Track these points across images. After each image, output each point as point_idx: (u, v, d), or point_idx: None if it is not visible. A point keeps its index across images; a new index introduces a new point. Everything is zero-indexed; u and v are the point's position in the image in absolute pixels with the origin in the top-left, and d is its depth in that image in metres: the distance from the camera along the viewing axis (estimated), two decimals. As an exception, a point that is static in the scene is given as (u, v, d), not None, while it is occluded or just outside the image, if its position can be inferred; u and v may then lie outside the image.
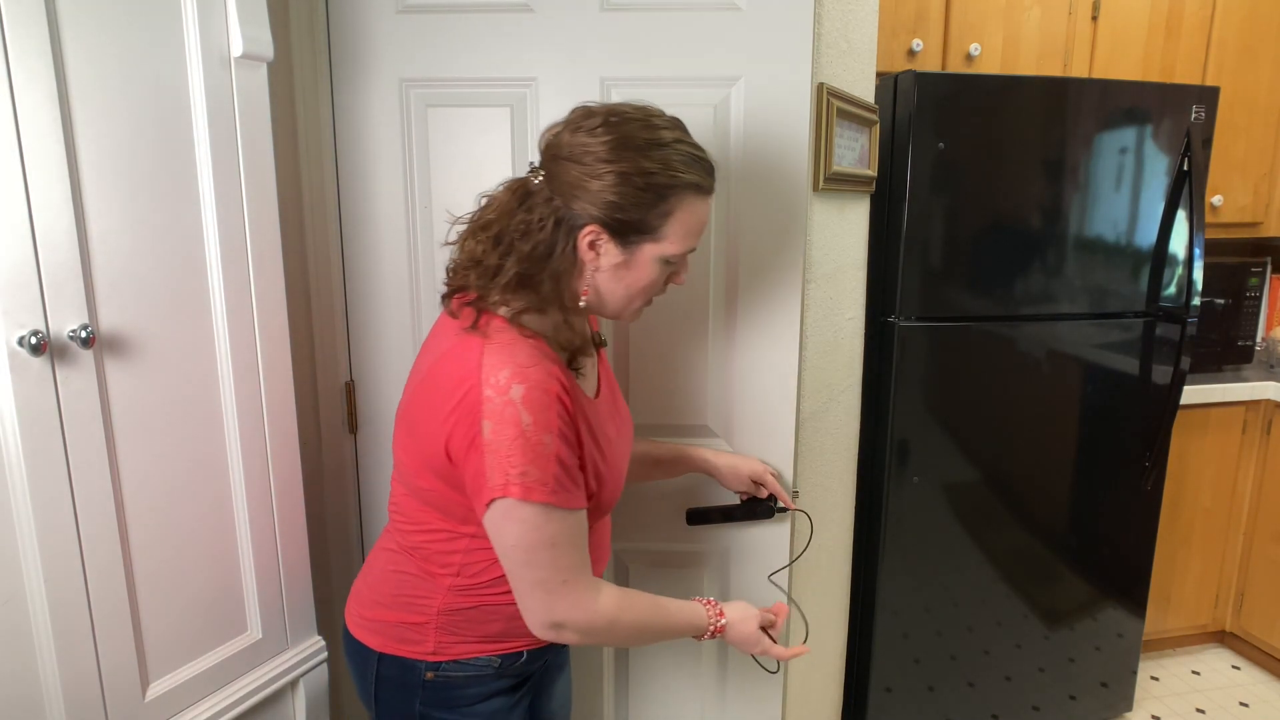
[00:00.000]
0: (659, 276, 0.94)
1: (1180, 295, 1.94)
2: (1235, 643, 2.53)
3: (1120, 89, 1.82)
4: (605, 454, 0.98)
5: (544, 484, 0.85)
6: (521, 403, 0.84)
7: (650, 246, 0.91)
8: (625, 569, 1.41)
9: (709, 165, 0.92)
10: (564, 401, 0.88)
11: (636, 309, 0.98)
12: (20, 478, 0.78)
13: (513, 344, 0.88)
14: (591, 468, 0.95)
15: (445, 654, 0.98)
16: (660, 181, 0.87)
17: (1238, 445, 2.33)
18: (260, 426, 1.03)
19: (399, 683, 1.00)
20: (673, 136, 0.90)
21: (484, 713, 1.01)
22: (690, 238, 0.93)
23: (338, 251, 1.27)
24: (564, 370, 0.92)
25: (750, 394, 1.33)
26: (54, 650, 0.82)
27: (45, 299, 0.78)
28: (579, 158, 0.87)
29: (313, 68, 1.22)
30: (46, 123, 0.78)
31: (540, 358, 0.88)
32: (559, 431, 0.87)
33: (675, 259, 0.93)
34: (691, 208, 0.91)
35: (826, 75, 1.32)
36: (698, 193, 0.91)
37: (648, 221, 0.89)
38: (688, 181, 0.89)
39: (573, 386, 0.92)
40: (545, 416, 0.85)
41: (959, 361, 1.84)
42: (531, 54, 1.21)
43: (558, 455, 0.86)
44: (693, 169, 0.89)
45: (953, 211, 1.77)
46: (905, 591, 1.91)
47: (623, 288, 0.93)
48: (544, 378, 0.86)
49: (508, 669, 1.01)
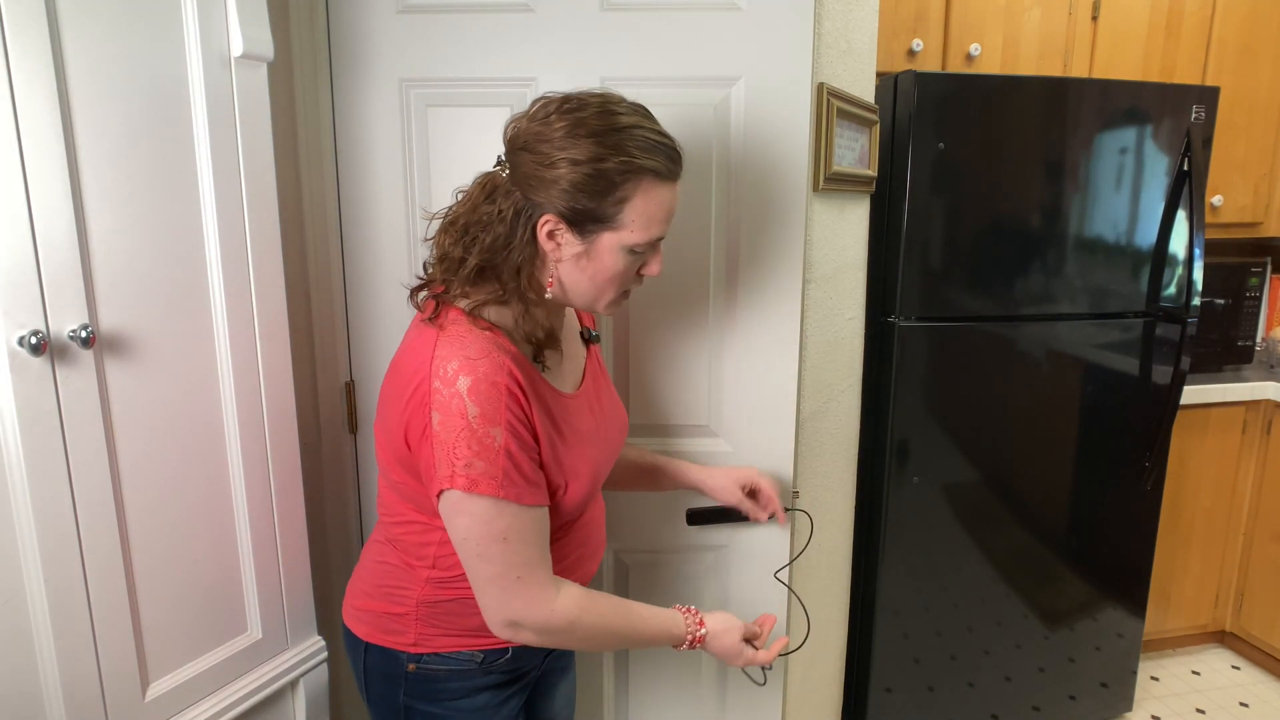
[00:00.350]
0: (625, 267, 0.91)
1: (1180, 295, 1.94)
2: (1235, 643, 2.53)
3: (1120, 89, 1.82)
4: (575, 450, 0.96)
5: (492, 477, 0.85)
6: (468, 394, 0.84)
7: (609, 235, 0.88)
8: (625, 569, 1.41)
9: (672, 151, 0.89)
10: (516, 395, 0.86)
11: (610, 300, 0.95)
12: (20, 478, 0.78)
13: (465, 335, 0.88)
14: (557, 463, 0.93)
15: (426, 646, 0.99)
16: (612, 167, 0.84)
17: (1238, 445, 2.33)
18: (260, 426, 1.03)
19: (384, 673, 1.01)
20: (630, 121, 0.86)
21: (468, 708, 1.01)
22: (653, 225, 0.89)
23: (338, 251, 1.27)
24: (522, 363, 0.90)
25: (750, 394, 1.32)
26: (54, 650, 0.82)
27: (45, 299, 0.78)
28: (535, 147, 0.86)
29: (313, 68, 1.22)
30: (46, 123, 0.78)
31: (492, 350, 0.87)
32: (508, 424, 0.85)
33: (640, 248, 0.90)
34: (650, 194, 0.87)
35: (826, 75, 1.32)
36: (656, 178, 0.87)
37: (603, 210, 0.86)
38: (644, 167, 0.86)
39: (532, 380, 0.91)
40: (492, 409, 0.84)
41: (959, 361, 1.84)
42: (531, 54, 1.21)
43: (506, 449, 0.85)
44: (651, 154, 0.86)
45: (953, 211, 1.77)
46: (905, 591, 1.91)
47: (587, 279, 0.91)
48: (492, 370, 0.85)
49: (493, 665, 1.01)
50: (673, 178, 0.90)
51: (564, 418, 0.96)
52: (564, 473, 0.94)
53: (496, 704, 1.03)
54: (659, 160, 0.87)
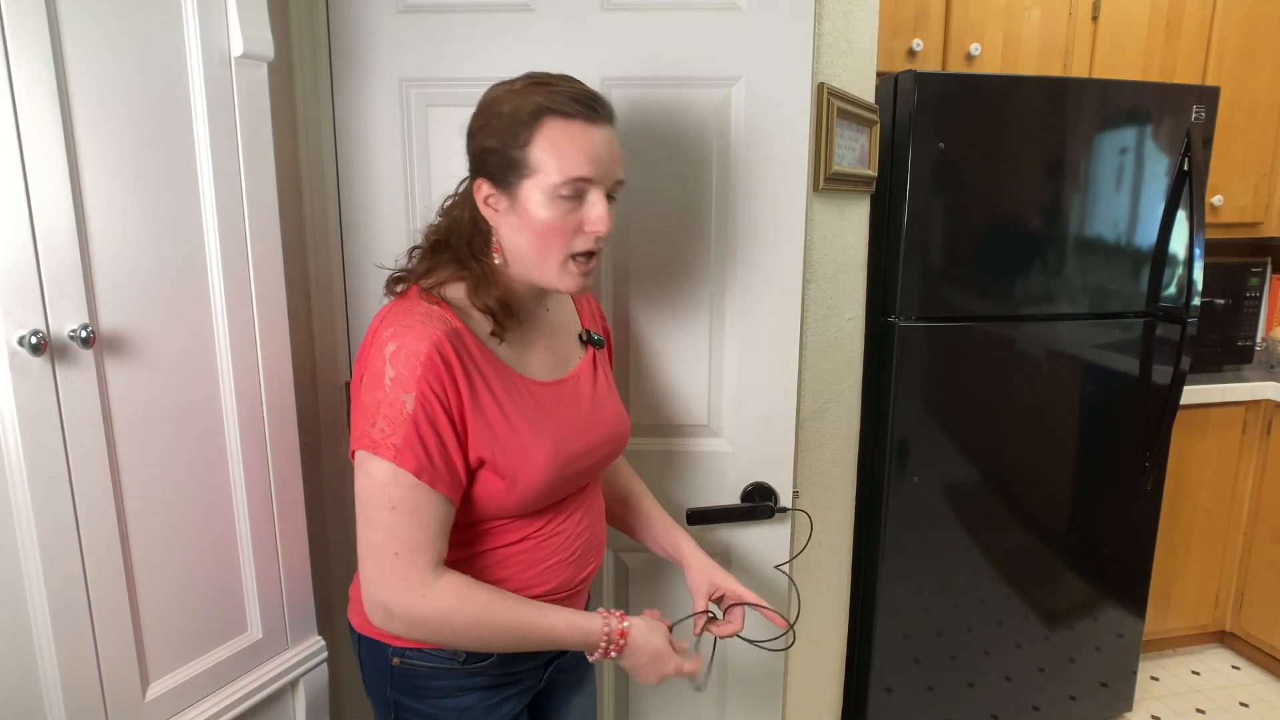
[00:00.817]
0: (553, 217, 0.88)
1: (1180, 295, 1.94)
2: (1235, 643, 2.53)
3: (1120, 89, 1.82)
4: (532, 434, 0.94)
5: (393, 443, 0.85)
6: (389, 359, 0.86)
7: (528, 183, 0.88)
8: (625, 569, 1.41)
9: (586, 97, 0.89)
10: (437, 365, 0.86)
11: (556, 264, 0.91)
12: (20, 478, 0.78)
13: (408, 307, 0.90)
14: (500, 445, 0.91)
15: (408, 640, 0.98)
16: (509, 110, 0.88)
17: (1238, 445, 2.33)
18: (260, 426, 1.03)
19: (375, 666, 1.02)
20: (543, 80, 0.90)
21: (453, 708, 1.00)
22: (568, 166, 0.87)
23: (338, 251, 1.27)
24: (464, 339, 0.90)
25: (750, 394, 1.32)
26: (54, 650, 0.82)
27: (45, 299, 0.78)
28: (469, 127, 0.93)
29: (313, 68, 1.22)
30: (47, 123, 0.78)
31: (426, 321, 0.88)
32: (420, 394, 0.85)
33: (563, 191, 0.87)
34: (556, 131, 0.87)
35: (826, 75, 1.32)
36: (558, 115, 0.87)
37: (510, 154, 0.88)
38: (542, 104, 0.86)
39: (475, 358, 0.90)
40: (408, 375, 0.85)
41: (959, 361, 1.84)
42: (532, 54, 1.21)
43: (414, 418, 0.85)
44: (552, 98, 0.87)
45: (953, 211, 1.78)
46: (905, 591, 1.91)
47: (524, 237, 0.90)
48: (417, 339, 0.86)
49: (476, 667, 0.99)
50: (585, 119, 0.88)
51: (520, 400, 0.94)
52: (513, 456, 0.92)
53: (486, 707, 1.01)
54: (561, 100, 0.87)
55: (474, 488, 0.92)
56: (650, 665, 0.98)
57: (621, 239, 1.28)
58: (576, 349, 1.08)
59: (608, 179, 0.91)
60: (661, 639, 0.98)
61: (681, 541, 1.16)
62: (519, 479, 0.93)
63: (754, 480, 1.36)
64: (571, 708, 1.17)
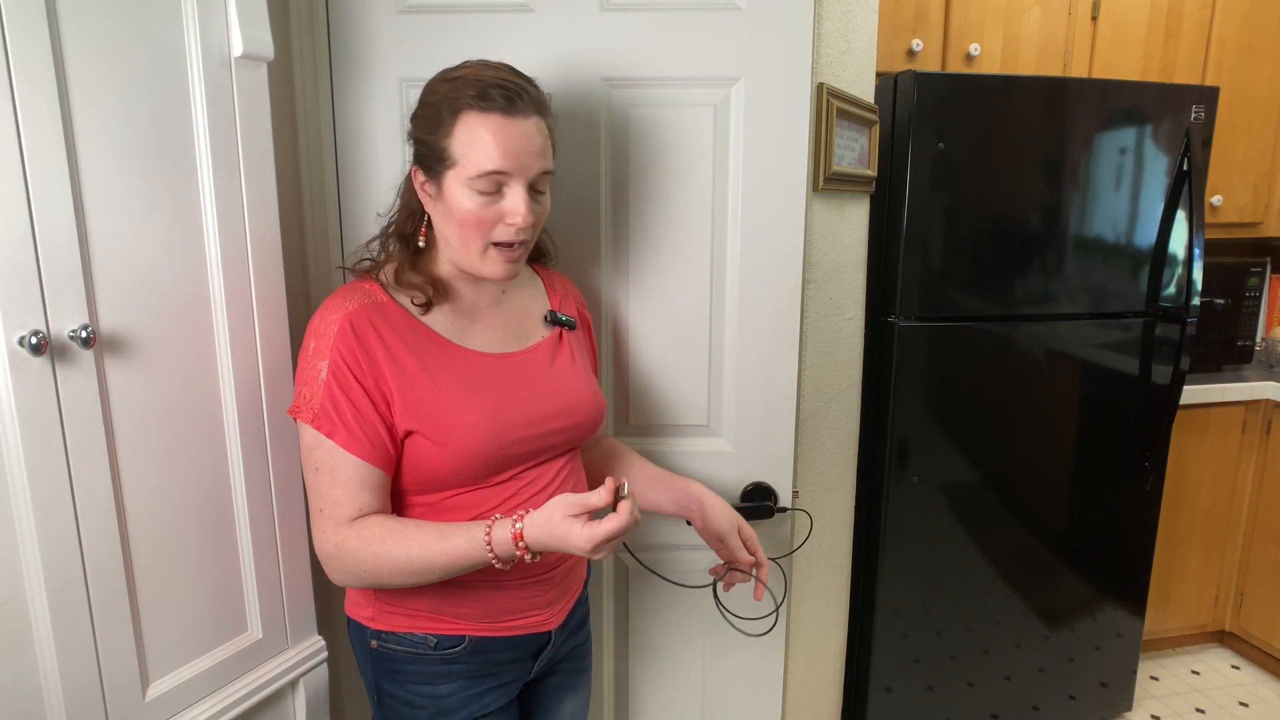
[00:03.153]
0: (475, 208, 0.91)
1: (1180, 295, 1.94)
2: (1235, 643, 2.53)
3: (1120, 89, 1.82)
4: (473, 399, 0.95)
5: (311, 407, 0.91)
6: (312, 331, 0.94)
7: (450, 174, 0.92)
8: (625, 568, 1.41)
9: (508, 88, 0.89)
10: (348, 334, 0.91)
11: (477, 253, 0.94)
12: (20, 478, 0.78)
13: (346, 287, 0.97)
14: (429, 410, 0.93)
15: (383, 623, 1.01)
16: (435, 100, 0.92)
17: (1237, 445, 2.34)
18: (260, 426, 1.03)
19: (359, 647, 1.05)
20: (474, 72, 0.91)
21: (430, 695, 1.00)
22: (482, 156, 0.89)
23: (338, 251, 1.27)
24: (387, 311, 0.95)
25: (750, 394, 1.32)
26: (54, 650, 0.82)
27: (45, 299, 0.78)
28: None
29: (313, 68, 1.22)
30: (47, 123, 0.78)
31: (349, 296, 0.94)
32: (334, 363, 0.91)
33: (481, 186, 0.90)
34: (474, 125, 0.89)
35: (826, 75, 1.32)
36: (477, 110, 0.89)
37: (437, 145, 0.91)
38: (461, 97, 0.90)
39: (399, 328, 0.95)
40: (324, 346, 0.91)
41: (959, 361, 1.84)
42: (531, 54, 1.21)
43: (328, 385, 0.91)
44: (474, 90, 0.89)
45: (953, 211, 1.78)
46: (905, 591, 1.91)
47: (450, 225, 0.94)
48: (334, 310, 0.93)
49: (449, 653, 1.00)
50: (500, 109, 0.89)
51: (454, 367, 0.97)
52: (443, 419, 0.93)
53: (466, 697, 1.01)
54: (485, 95, 0.89)
55: (407, 452, 0.95)
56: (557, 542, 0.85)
57: (621, 239, 1.28)
58: (539, 328, 1.08)
59: (527, 171, 0.92)
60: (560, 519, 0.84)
61: (692, 485, 1.15)
62: (449, 440, 0.93)
63: (754, 480, 1.36)
64: (563, 711, 1.17)
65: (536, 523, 0.86)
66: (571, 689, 1.17)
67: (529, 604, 1.03)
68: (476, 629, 1.01)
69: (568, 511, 0.84)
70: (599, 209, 1.26)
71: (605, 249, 1.28)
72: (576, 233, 1.26)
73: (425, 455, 0.94)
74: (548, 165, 0.94)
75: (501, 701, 1.05)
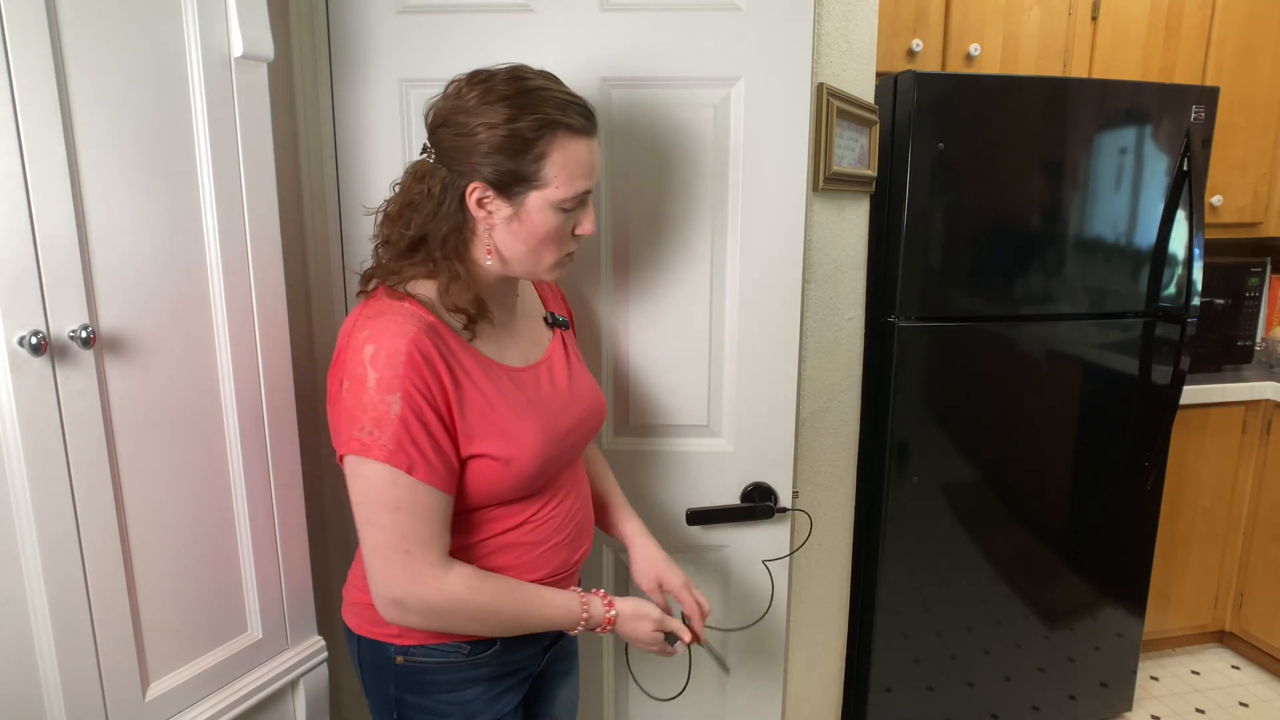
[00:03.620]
0: (556, 226, 0.93)
1: (1180, 295, 1.94)
2: (1235, 643, 2.53)
3: (1120, 89, 1.82)
4: (521, 418, 0.95)
5: (384, 445, 0.86)
6: (370, 362, 0.87)
7: (536, 195, 0.90)
8: (625, 569, 1.41)
9: (584, 108, 0.92)
10: (418, 363, 0.87)
11: (549, 264, 0.96)
12: (20, 478, 0.78)
13: (381, 307, 0.91)
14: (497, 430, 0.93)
15: (411, 638, 0.99)
16: (526, 125, 0.87)
17: (1237, 445, 2.34)
18: (260, 426, 1.03)
19: (376, 666, 1.02)
20: (539, 84, 0.90)
21: (457, 701, 1.00)
22: (576, 180, 0.91)
23: (338, 251, 1.27)
24: (441, 333, 0.91)
25: (750, 394, 1.32)
26: (54, 650, 0.82)
27: (45, 299, 0.78)
28: (451, 120, 0.90)
29: (313, 68, 1.22)
30: (47, 123, 0.78)
31: (401, 319, 0.89)
32: (405, 393, 0.86)
33: (567, 204, 0.92)
34: (567, 148, 0.90)
35: (826, 75, 1.32)
36: (570, 132, 0.90)
37: (524, 169, 0.89)
38: (558, 121, 0.88)
39: (454, 350, 0.92)
40: (391, 376, 0.86)
41: (959, 361, 1.84)
42: (531, 54, 1.20)
43: (403, 418, 0.86)
44: (562, 110, 0.89)
45: (953, 211, 1.78)
46: (905, 591, 1.91)
47: (521, 242, 0.93)
48: (395, 338, 0.87)
49: (480, 657, 1.00)
50: (587, 132, 0.92)
51: (502, 386, 0.96)
52: (504, 441, 0.93)
53: (489, 698, 1.02)
54: (572, 116, 0.90)
55: (469, 474, 0.93)
56: (637, 642, 1.04)
57: (621, 239, 1.28)
58: (545, 332, 1.09)
59: (593, 187, 0.96)
60: (645, 627, 1.03)
61: (629, 528, 1.19)
62: (512, 461, 0.94)
63: (754, 480, 1.36)
64: (559, 698, 1.18)
65: (626, 615, 1.02)
66: (565, 674, 1.19)
67: None
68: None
69: (654, 626, 1.03)
70: (599, 209, 1.26)
71: (605, 249, 1.28)
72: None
73: (489, 476, 0.94)
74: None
75: (519, 698, 1.06)
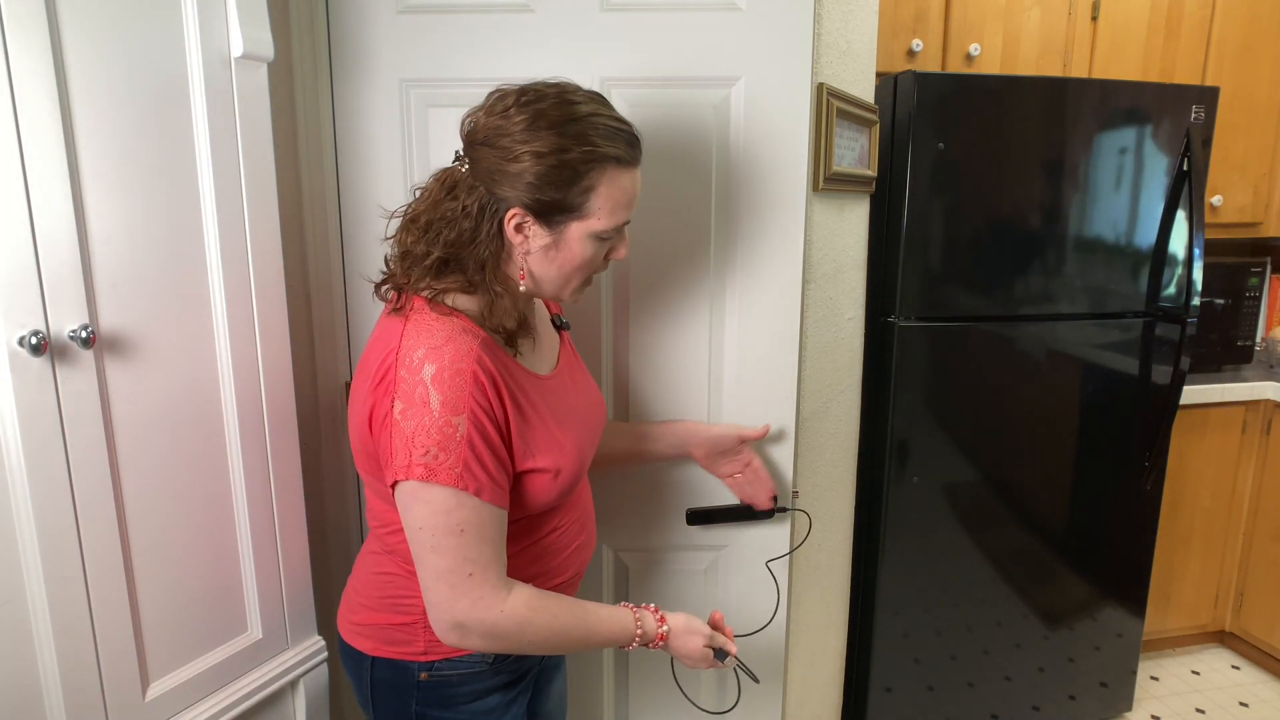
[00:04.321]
0: (593, 254, 0.92)
1: (1180, 295, 1.94)
2: (1235, 643, 2.53)
3: (1120, 89, 1.82)
4: (565, 428, 0.96)
5: (451, 467, 0.83)
6: (431, 383, 0.83)
7: (577, 225, 0.88)
8: (625, 569, 1.41)
9: (631, 136, 0.89)
10: (482, 382, 0.85)
11: (575, 288, 0.96)
12: (20, 478, 0.78)
13: (432, 323, 0.88)
14: (551, 443, 0.94)
15: (436, 653, 0.98)
16: (576, 157, 0.85)
17: (1237, 445, 2.33)
18: (260, 426, 1.03)
19: (393, 685, 1.00)
20: (589, 110, 0.86)
21: (480, 710, 1.01)
22: (619, 211, 0.90)
23: (338, 251, 1.27)
24: (492, 348, 0.90)
25: (750, 394, 1.32)
26: (54, 650, 0.82)
27: (45, 299, 0.78)
28: (495, 141, 0.86)
29: (313, 68, 1.22)
30: (47, 123, 0.78)
31: (458, 335, 0.87)
32: (471, 414, 0.84)
33: (607, 234, 0.91)
34: (614, 181, 0.88)
35: (826, 75, 1.32)
36: (619, 165, 0.88)
37: (569, 200, 0.86)
38: (607, 154, 0.86)
39: (505, 365, 0.91)
40: (456, 397, 0.84)
41: (959, 361, 1.84)
42: (531, 54, 1.21)
43: (469, 439, 0.84)
44: (612, 142, 0.86)
45: (953, 211, 1.78)
46: (905, 591, 1.91)
47: (555, 268, 0.91)
48: (458, 357, 0.85)
49: (502, 665, 1.01)
50: (634, 163, 0.91)
51: (547, 399, 0.96)
52: (556, 453, 0.94)
53: (506, 703, 1.03)
54: (620, 147, 0.87)
55: (523, 489, 0.93)
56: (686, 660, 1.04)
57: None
58: (554, 337, 1.09)
59: None
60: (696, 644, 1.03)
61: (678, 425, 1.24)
62: (561, 471, 0.95)
63: (754, 480, 1.36)
64: (551, 692, 1.18)
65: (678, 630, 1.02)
66: (556, 668, 1.19)
67: None
68: None
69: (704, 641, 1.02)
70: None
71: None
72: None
73: (540, 489, 0.94)
74: None
75: (528, 697, 1.07)
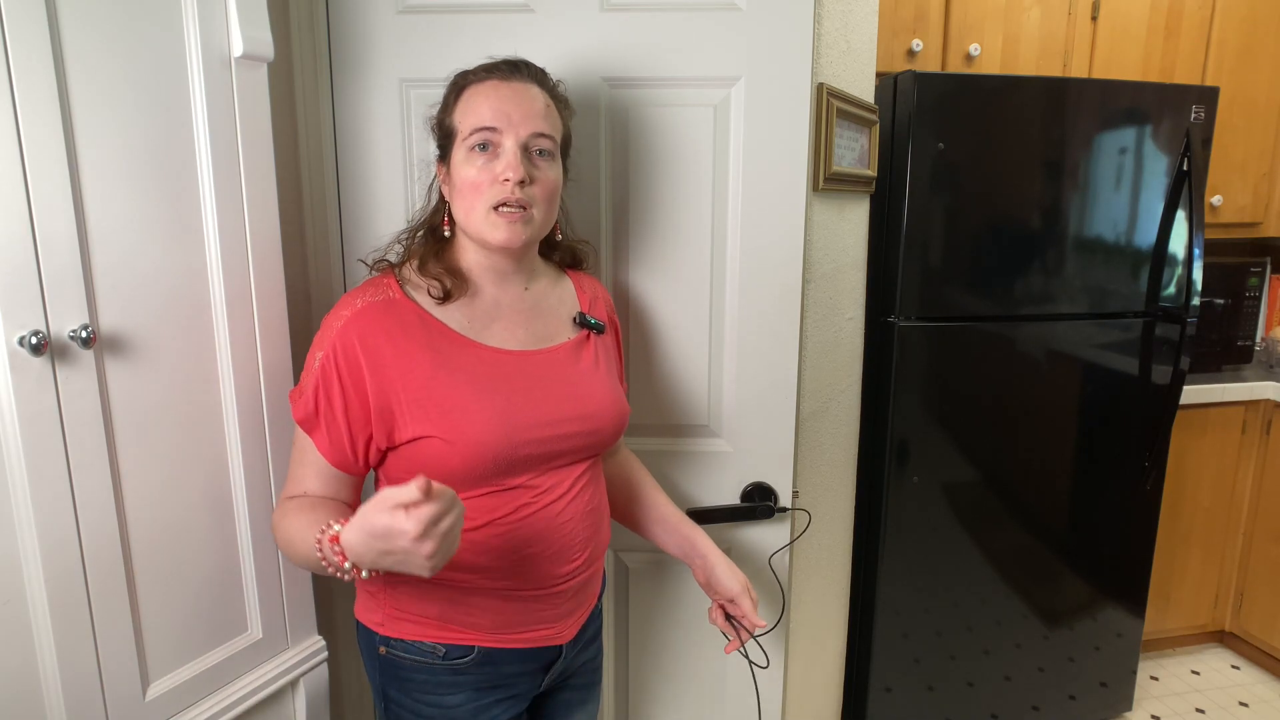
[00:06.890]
0: (473, 171, 0.94)
1: (1180, 295, 1.94)
2: (1235, 643, 2.53)
3: (1120, 89, 1.82)
4: (485, 396, 0.93)
5: (302, 390, 0.95)
6: (325, 321, 0.96)
7: (454, 149, 0.97)
8: (625, 568, 1.41)
9: (509, 60, 0.98)
10: (353, 342, 0.92)
11: (480, 217, 0.94)
12: (20, 478, 0.78)
13: (363, 284, 0.99)
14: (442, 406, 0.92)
15: (392, 630, 0.99)
16: (449, 91, 0.99)
17: (1237, 445, 2.34)
18: (260, 426, 1.03)
19: (368, 652, 1.04)
20: (480, 64, 0.98)
21: (438, 705, 0.99)
22: (474, 116, 0.94)
23: (338, 251, 1.27)
24: (399, 307, 0.95)
25: (750, 394, 1.33)
26: (54, 650, 0.82)
27: (45, 299, 0.78)
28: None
29: (313, 68, 1.22)
30: (47, 123, 0.78)
31: (364, 292, 0.96)
32: (327, 355, 0.92)
33: (471, 140, 0.94)
34: (474, 93, 0.96)
35: (826, 75, 1.32)
36: (478, 79, 0.96)
37: (445, 124, 0.98)
38: (468, 77, 0.97)
39: (408, 324, 0.95)
40: (325, 336, 0.94)
41: (959, 361, 1.84)
42: (532, 54, 1.20)
43: (320, 372, 0.92)
44: (476, 70, 0.97)
45: (953, 211, 1.78)
46: (905, 591, 1.91)
47: (458, 200, 0.97)
48: (346, 307, 0.95)
49: (458, 663, 0.98)
50: (496, 75, 0.96)
51: (467, 363, 0.95)
52: (453, 417, 0.92)
53: (475, 708, 1.00)
54: (480, 71, 0.97)
55: (417, 455, 0.94)
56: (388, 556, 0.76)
57: (621, 238, 1.28)
58: (566, 329, 1.06)
59: (518, 130, 0.94)
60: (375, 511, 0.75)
61: (699, 539, 1.16)
62: (460, 439, 0.92)
63: (754, 480, 1.36)
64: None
65: (354, 524, 0.77)
66: (581, 704, 1.15)
67: (540, 616, 1.01)
68: (486, 640, 0.99)
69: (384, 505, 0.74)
70: (599, 209, 1.26)
71: (605, 249, 1.28)
72: (576, 232, 1.26)
73: (436, 455, 0.92)
74: (541, 128, 0.95)
75: (511, 713, 1.03)
